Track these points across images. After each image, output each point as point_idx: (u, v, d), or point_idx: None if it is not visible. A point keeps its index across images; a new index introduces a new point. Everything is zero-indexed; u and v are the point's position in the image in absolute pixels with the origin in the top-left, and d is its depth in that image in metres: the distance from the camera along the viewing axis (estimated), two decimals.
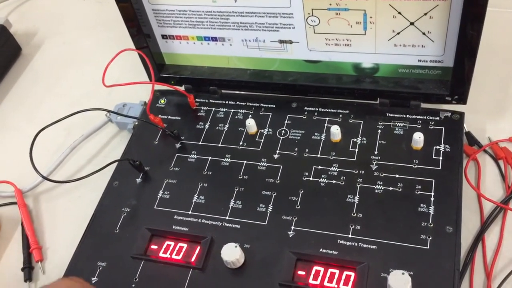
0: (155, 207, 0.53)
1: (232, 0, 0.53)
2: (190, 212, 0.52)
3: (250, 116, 0.58)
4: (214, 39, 0.58)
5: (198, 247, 0.49)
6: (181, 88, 0.63)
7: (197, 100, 0.61)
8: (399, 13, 0.49)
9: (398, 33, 0.51)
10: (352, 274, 0.45)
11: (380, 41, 0.52)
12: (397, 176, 0.50)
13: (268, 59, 0.58)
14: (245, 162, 0.54)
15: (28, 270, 0.54)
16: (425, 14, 0.48)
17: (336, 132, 0.53)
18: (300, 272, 0.46)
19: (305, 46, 0.55)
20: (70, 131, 0.66)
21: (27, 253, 0.56)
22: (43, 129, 0.54)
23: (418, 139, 0.51)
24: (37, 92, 0.74)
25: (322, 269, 0.46)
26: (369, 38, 0.52)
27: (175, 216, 0.52)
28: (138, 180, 0.56)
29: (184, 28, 0.58)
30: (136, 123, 0.61)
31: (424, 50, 0.51)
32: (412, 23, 0.49)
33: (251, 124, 0.56)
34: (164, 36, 0.60)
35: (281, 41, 0.56)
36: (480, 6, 0.44)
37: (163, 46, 0.61)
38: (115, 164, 0.57)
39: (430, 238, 0.46)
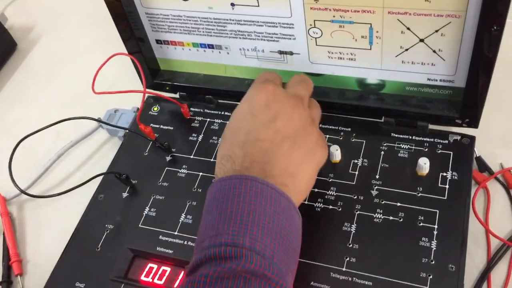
0: (139, 225, 0.50)
1: (229, 7, 0.49)
2: (176, 233, 0.49)
3: None
4: (211, 46, 0.54)
5: (182, 272, 0.46)
6: (176, 96, 0.59)
7: (191, 109, 0.58)
8: (408, 28, 0.45)
9: (407, 50, 0.47)
10: None
11: (387, 57, 0.48)
12: (398, 204, 0.47)
13: (267, 70, 0.54)
14: None
15: (7, 285, 0.52)
16: (436, 31, 0.44)
17: (336, 152, 0.50)
18: None
19: (306, 58, 0.51)
20: (60, 135, 0.63)
21: (7, 265, 0.53)
22: (24, 138, 0.51)
23: (424, 165, 0.47)
24: (30, 91, 0.72)
25: None
26: (375, 53, 0.48)
27: (160, 237, 0.49)
28: (125, 194, 0.53)
29: (179, 34, 0.54)
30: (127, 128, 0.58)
31: (434, 68, 0.47)
32: (421, 40, 0.45)
33: None
34: (158, 41, 0.56)
35: (281, 52, 0.52)
36: (498, 26, 0.40)
37: (157, 51, 0.58)
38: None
39: (431, 276, 0.42)
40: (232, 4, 0.49)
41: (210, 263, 0.35)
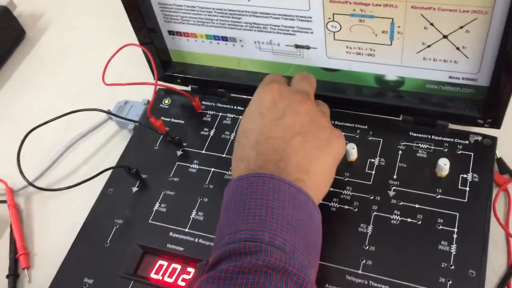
0: (149, 221, 0.49)
1: None
2: (187, 230, 0.48)
3: None
4: (225, 38, 0.53)
5: (193, 270, 0.45)
6: (187, 89, 0.58)
7: (203, 102, 0.57)
8: (432, 24, 0.43)
9: (429, 46, 0.45)
10: None
11: (408, 53, 0.46)
12: (417, 206, 0.45)
13: (282, 64, 0.53)
14: None
15: (13, 278, 0.51)
16: (461, 27, 0.42)
17: (352, 151, 0.48)
18: None
19: (323, 53, 0.50)
20: (69, 126, 0.62)
21: (14, 258, 0.52)
22: (33, 129, 0.50)
23: (444, 166, 0.45)
24: (38, 80, 0.70)
25: None
26: (395, 49, 0.46)
27: (171, 233, 0.48)
28: (134, 189, 0.51)
29: (193, 25, 0.53)
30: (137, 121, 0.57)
31: (457, 66, 0.46)
32: (445, 36, 0.44)
33: None
34: (171, 32, 0.55)
35: (297, 46, 0.50)
36: None
37: (169, 42, 0.56)
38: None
39: (450, 282, 0.41)
40: None
41: (230, 259, 0.35)
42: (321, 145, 0.41)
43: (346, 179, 0.48)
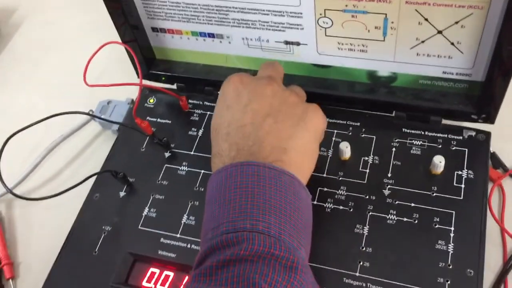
0: (139, 227, 0.47)
1: None
2: (178, 235, 0.46)
3: None
4: (211, 35, 0.51)
5: (186, 277, 0.44)
6: (173, 87, 0.56)
7: (190, 101, 0.55)
8: (426, 19, 0.42)
9: (423, 42, 0.44)
10: None
11: (401, 49, 0.45)
12: (412, 205, 0.45)
13: (271, 60, 0.51)
14: None
15: None
16: (456, 22, 0.41)
17: (346, 149, 0.47)
18: None
19: (314, 49, 0.48)
20: (49, 128, 0.58)
21: None
22: (12, 135, 0.48)
23: (439, 163, 0.45)
24: (13, 80, 0.67)
25: None
26: (388, 45, 0.45)
27: (162, 239, 0.46)
28: (122, 194, 0.50)
29: (177, 22, 0.51)
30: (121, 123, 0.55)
31: (451, 61, 0.45)
32: (440, 32, 0.43)
33: None
34: (154, 29, 0.53)
35: (287, 42, 0.49)
36: None
37: (153, 39, 0.54)
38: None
39: (448, 282, 0.40)
40: None
41: (214, 254, 0.34)
42: (294, 122, 0.40)
43: (340, 178, 0.47)
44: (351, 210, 0.45)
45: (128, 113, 0.56)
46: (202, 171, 0.50)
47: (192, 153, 0.51)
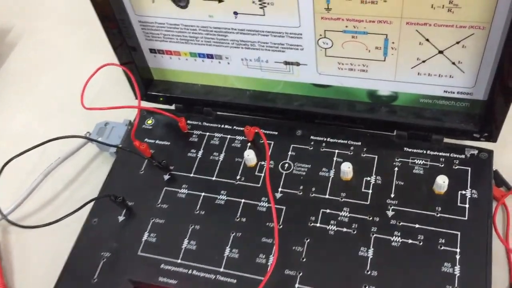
0: (139, 253, 0.46)
1: (231, 16, 0.45)
2: (179, 261, 0.45)
3: (249, 145, 0.51)
4: (210, 56, 0.50)
5: None
6: (171, 107, 0.56)
7: (189, 122, 0.54)
8: (427, 40, 0.42)
9: (424, 61, 0.44)
10: None
11: (402, 68, 0.45)
12: (417, 226, 0.44)
13: (271, 81, 0.51)
14: (243, 201, 0.48)
15: None
16: (458, 42, 0.41)
17: (347, 170, 0.47)
18: None
19: (314, 69, 0.48)
20: (45, 151, 0.58)
21: None
22: (9, 161, 0.47)
23: (443, 183, 0.44)
24: (9, 101, 0.66)
25: None
26: (389, 65, 0.45)
27: (162, 265, 0.45)
28: (121, 218, 0.49)
29: (176, 43, 0.50)
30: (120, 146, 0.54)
31: (452, 80, 0.45)
32: (441, 52, 0.42)
33: (250, 157, 0.49)
34: (152, 50, 0.52)
35: (286, 63, 0.48)
36: None
37: (151, 60, 0.53)
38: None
39: None
40: (235, 13, 0.45)
41: None
42: None
43: (343, 199, 0.46)
44: (355, 232, 0.45)
45: (126, 135, 0.55)
46: (203, 193, 0.49)
47: (191, 175, 0.50)
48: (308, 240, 0.45)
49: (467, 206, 0.44)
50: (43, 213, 0.54)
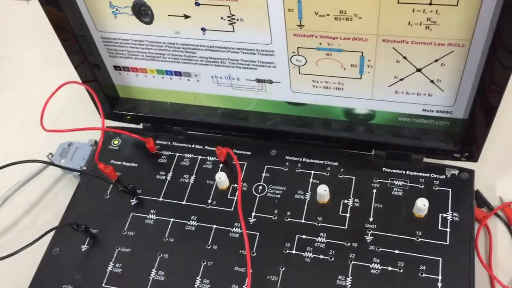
0: (103, 285, 0.43)
1: (199, 33, 0.43)
2: None
3: (221, 166, 0.49)
4: (178, 73, 0.48)
5: None
6: (139, 127, 0.53)
7: (158, 142, 0.51)
8: (405, 58, 0.40)
9: (401, 79, 0.42)
10: None
11: (379, 87, 0.43)
12: (396, 252, 0.42)
13: (242, 98, 0.48)
14: (214, 226, 0.45)
15: None
16: (436, 60, 0.39)
17: (323, 193, 0.44)
18: None
19: (287, 87, 0.46)
20: (4, 174, 0.55)
21: None
22: None
23: (423, 206, 0.42)
24: None
25: None
26: (365, 83, 0.43)
27: None
28: (84, 247, 0.46)
29: (142, 60, 0.48)
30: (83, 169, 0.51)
31: (431, 99, 0.43)
32: (419, 70, 0.41)
33: (222, 180, 0.47)
34: (117, 68, 0.49)
35: (259, 80, 0.46)
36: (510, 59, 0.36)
37: (116, 78, 0.51)
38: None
39: None
40: (203, 29, 0.43)
41: None
42: None
43: (319, 224, 0.44)
44: (332, 259, 0.42)
45: (91, 156, 0.52)
46: (172, 219, 0.46)
47: (160, 199, 0.48)
48: (283, 269, 0.42)
49: (448, 230, 0.42)
50: (0, 242, 0.51)
